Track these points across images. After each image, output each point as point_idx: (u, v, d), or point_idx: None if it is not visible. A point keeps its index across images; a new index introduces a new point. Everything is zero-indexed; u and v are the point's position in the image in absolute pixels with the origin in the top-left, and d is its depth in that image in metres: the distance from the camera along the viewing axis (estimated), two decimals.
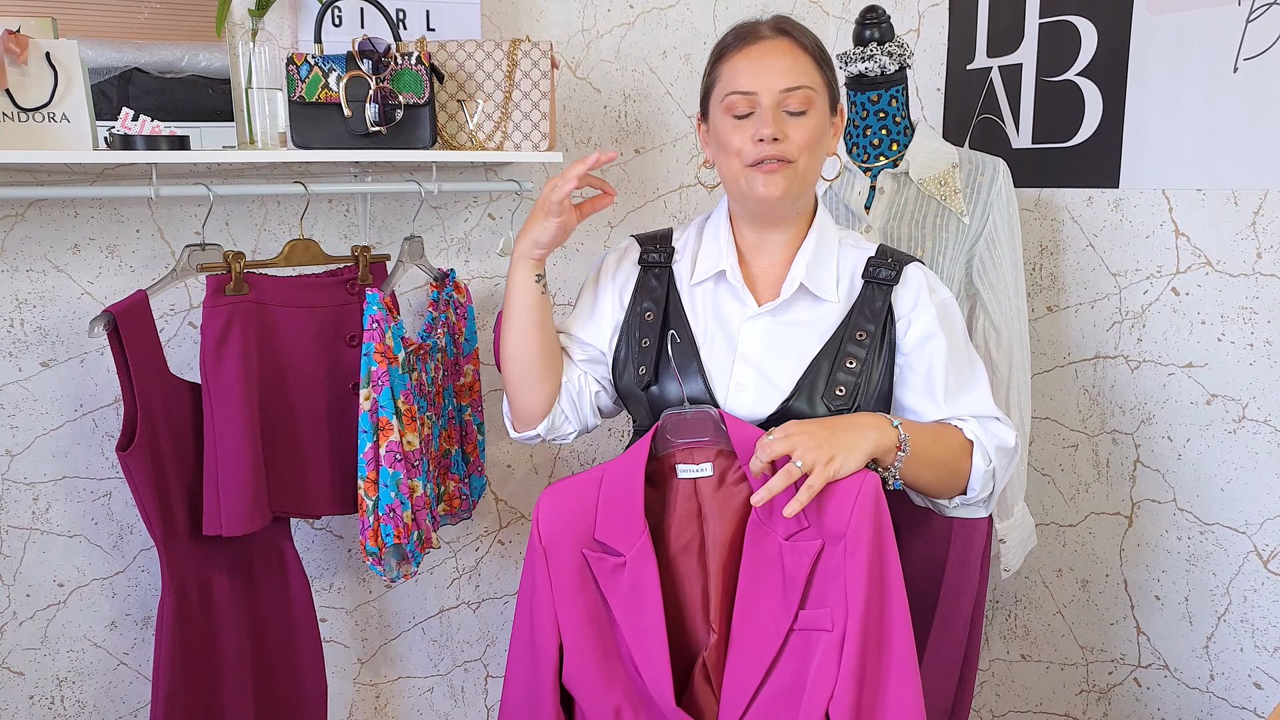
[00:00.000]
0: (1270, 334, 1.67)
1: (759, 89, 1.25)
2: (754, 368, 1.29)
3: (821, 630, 1.16)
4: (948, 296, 1.34)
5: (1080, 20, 1.87)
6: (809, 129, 1.26)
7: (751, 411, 1.28)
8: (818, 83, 1.27)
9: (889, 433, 1.20)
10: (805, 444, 1.14)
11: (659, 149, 2.06)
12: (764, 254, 1.35)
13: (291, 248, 1.62)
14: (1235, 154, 1.67)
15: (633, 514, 1.22)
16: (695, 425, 1.25)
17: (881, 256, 1.33)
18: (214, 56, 1.62)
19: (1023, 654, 2.16)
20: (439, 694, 2.05)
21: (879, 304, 1.30)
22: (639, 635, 1.20)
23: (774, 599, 1.19)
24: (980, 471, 1.28)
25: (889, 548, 1.16)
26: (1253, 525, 1.73)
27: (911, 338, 1.30)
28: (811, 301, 1.31)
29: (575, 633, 1.22)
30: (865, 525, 1.14)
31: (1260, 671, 1.74)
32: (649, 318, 1.35)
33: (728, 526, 1.25)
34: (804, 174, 1.28)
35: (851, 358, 1.27)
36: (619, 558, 1.21)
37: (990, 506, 1.34)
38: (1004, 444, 1.30)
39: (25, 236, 1.57)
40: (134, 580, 1.72)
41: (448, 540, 1.99)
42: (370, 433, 1.57)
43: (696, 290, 1.36)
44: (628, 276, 1.39)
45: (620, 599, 1.21)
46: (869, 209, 1.74)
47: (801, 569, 1.17)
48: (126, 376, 1.48)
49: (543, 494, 1.26)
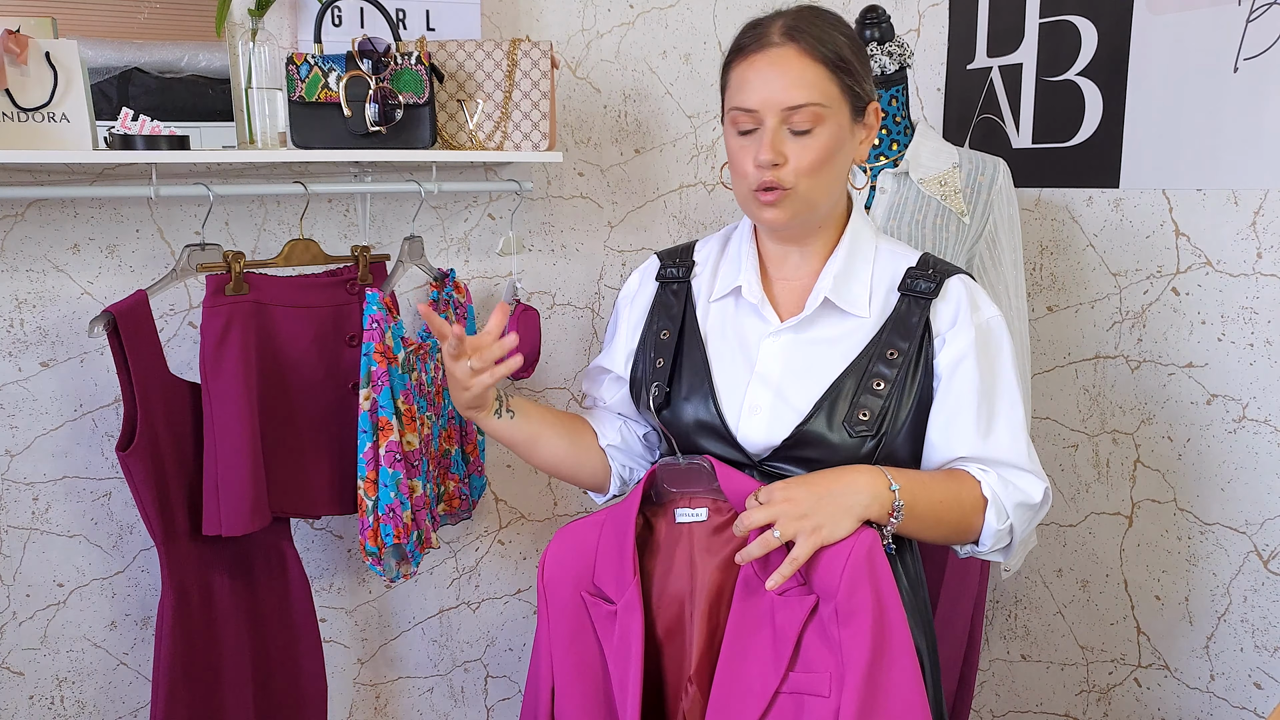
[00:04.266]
0: (1270, 334, 1.67)
1: (760, 106, 1.14)
2: (771, 388, 1.19)
3: (817, 695, 1.07)
4: (993, 316, 1.20)
5: (1080, 20, 1.87)
6: (815, 150, 1.14)
7: (766, 437, 1.19)
8: (830, 95, 1.14)
9: (883, 496, 1.09)
10: (788, 513, 1.06)
11: (659, 149, 2.06)
12: (789, 266, 1.25)
13: (291, 248, 1.62)
14: (1235, 154, 1.66)
15: (624, 563, 1.16)
16: (689, 476, 1.18)
17: (923, 267, 1.20)
18: (214, 56, 1.62)
19: (1023, 654, 2.16)
20: (439, 694, 2.05)
21: (915, 319, 1.17)
22: (620, 685, 1.15)
23: (763, 657, 1.11)
24: (992, 530, 1.17)
25: (891, 609, 1.06)
26: (1253, 525, 1.73)
27: (945, 359, 1.18)
28: (839, 317, 1.20)
29: (564, 676, 1.20)
30: (860, 584, 1.04)
31: (1260, 671, 1.74)
32: (664, 337, 1.27)
33: (720, 575, 1.17)
34: (809, 197, 1.17)
35: (880, 379, 1.16)
36: (611, 605, 1.17)
37: (1009, 555, 1.23)
38: (1027, 500, 1.17)
39: (25, 236, 1.57)
40: (134, 580, 1.72)
41: (448, 540, 1.99)
42: (370, 433, 1.57)
43: (714, 307, 1.27)
44: (646, 296, 1.33)
45: (612, 646, 1.17)
46: (869, 209, 1.74)
47: (793, 626, 1.08)
48: (126, 376, 1.48)
49: (555, 535, 1.24)
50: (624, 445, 1.36)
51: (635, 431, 1.38)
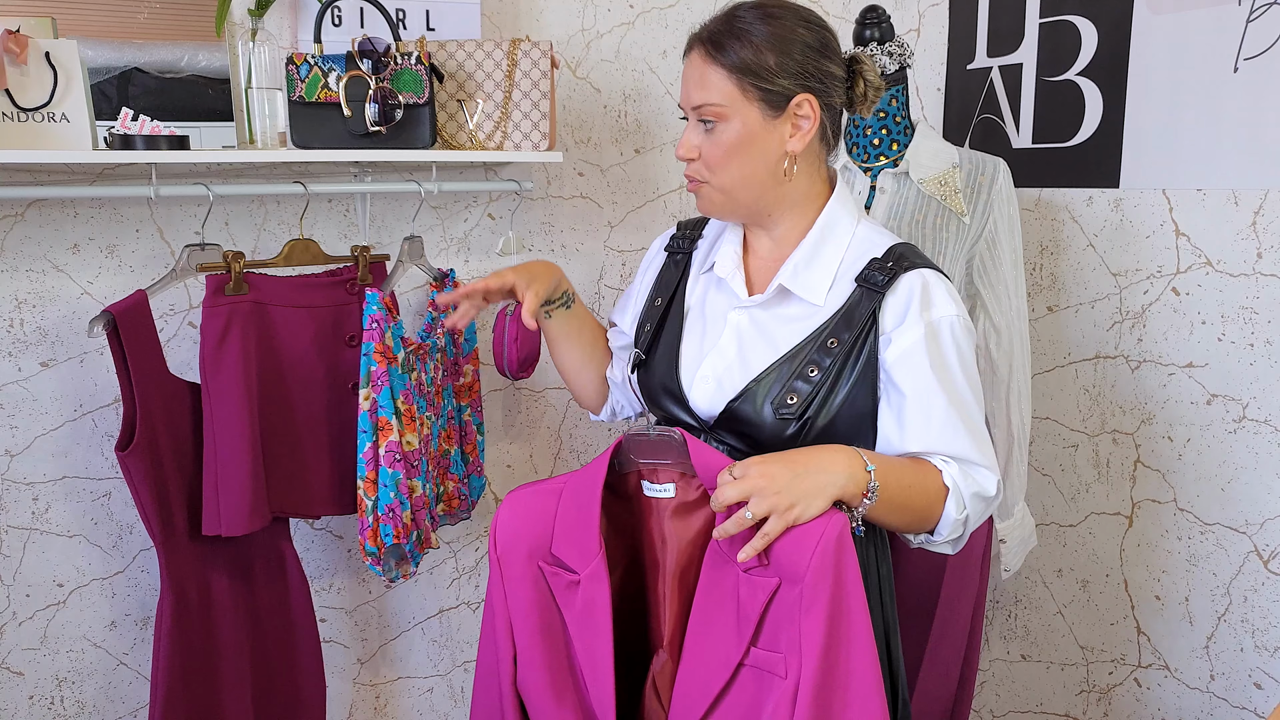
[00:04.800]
0: (1270, 334, 1.67)
1: (682, 105, 1.27)
2: (725, 361, 1.26)
3: (775, 674, 1.10)
4: (947, 316, 1.20)
5: (1080, 20, 1.87)
6: (720, 146, 1.22)
7: (708, 406, 1.26)
8: (730, 95, 1.20)
9: (859, 477, 1.11)
10: (765, 489, 1.07)
11: (659, 149, 2.06)
12: (762, 247, 1.32)
13: (291, 248, 1.62)
14: (1235, 154, 1.66)
15: (589, 533, 1.17)
16: (657, 447, 1.20)
17: (885, 258, 1.23)
18: (214, 56, 1.62)
19: (1023, 654, 2.16)
20: (439, 694, 2.05)
21: (864, 311, 1.21)
22: (589, 654, 1.17)
23: (727, 629, 1.13)
24: (950, 520, 1.20)
25: (853, 596, 1.07)
26: (1253, 525, 1.73)
27: (891, 355, 1.20)
28: (797, 301, 1.25)
29: (527, 645, 1.20)
30: (825, 573, 1.05)
31: (1260, 671, 1.74)
32: (657, 304, 1.38)
33: (687, 549, 1.21)
34: (723, 187, 1.24)
35: (815, 365, 1.20)
36: (574, 575, 1.18)
37: (957, 548, 1.26)
38: (983, 491, 1.20)
39: (25, 236, 1.57)
40: (134, 580, 1.72)
41: (447, 540, 1.99)
42: (370, 433, 1.57)
43: (702, 278, 1.36)
44: (657, 265, 1.43)
45: (574, 615, 1.18)
46: (869, 209, 1.74)
47: (756, 605, 1.10)
48: (126, 376, 1.48)
49: (504, 500, 1.23)
50: (623, 383, 1.46)
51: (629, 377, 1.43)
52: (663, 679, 1.21)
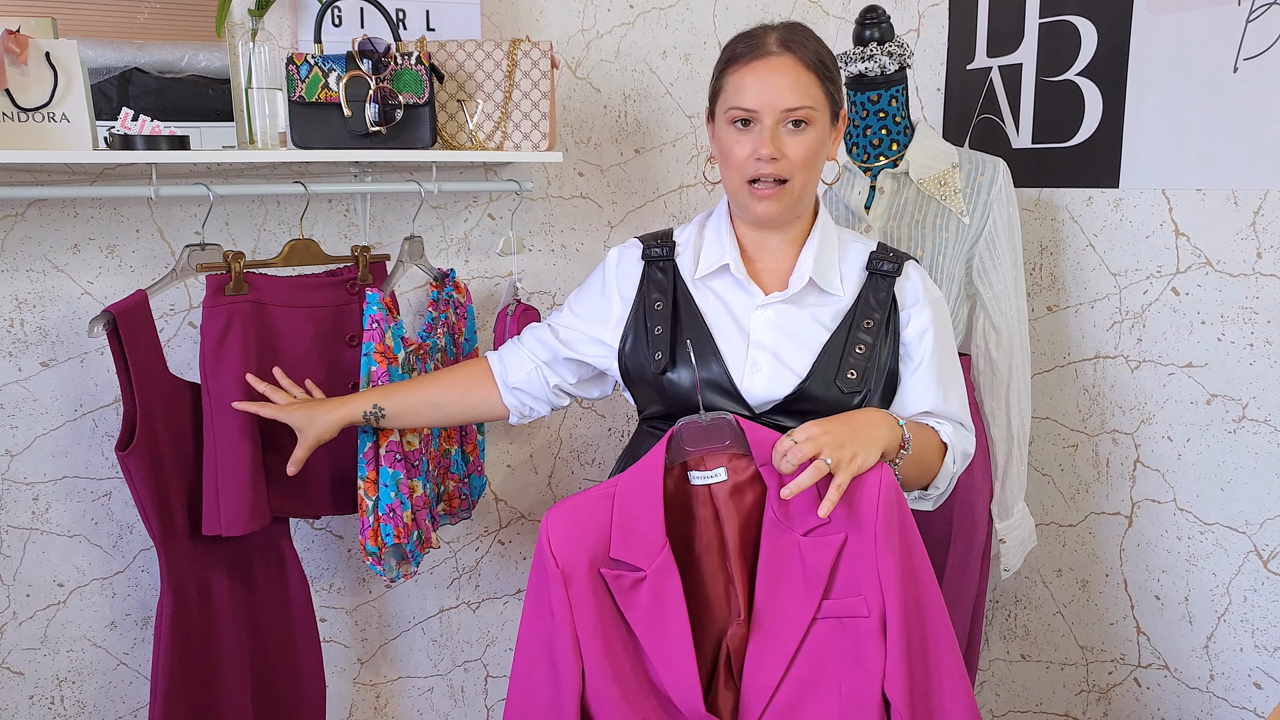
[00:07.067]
0: (1270, 334, 1.67)
1: (761, 108, 1.30)
2: (768, 352, 1.36)
3: (857, 617, 1.20)
4: (940, 296, 1.44)
5: (1080, 20, 1.87)
6: (807, 145, 1.31)
7: (768, 392, 1.35)
8: (819, 99, 1.32)
9: (896, 430, 1.28)
10: (829, 444, 1.19)
11: (659, 149, 2.06)
12: (767, 251, 1.41)
13: (291, 248, 1.62)
14: (1235, 154, 1.66)
15: (654, 529, 1.23)
16: (713, 432, 1.28)
17: (883, 251, 1.41)
18: (214, 56, 1.62)
19: (1023, 654, 2.16)
20: (439, 694, 2.05)
21: (883, 294, 1.38)
22: (663, 647, 1.22)
23: (795, 591, 1.23)
24: (947, 474, 1.40)
25: (913, 532, 1.23)
26: (1253, 525, 1.73)
27: (912, 330, 1.39)
28: (818, 294, 1.38)
29: (599, 655, 1.22)
30: (893, 513, 1.19)
31: (1260, 671, 1.75)
32: (659, 307, 1.41)
33: (743, 527, 1.28)
34: (800, 191, 1.34)
35: (861, 344, 1.36)
36: (639, 573, 1.22)
37: (937, 504, 1.47)
38: (967, 450, 1.42)
39: (25, 236, 1.57)
40: (134, 580, 1.72)
41: (448, 540, 1.99)
42: (370, 432, 1.57)
43: (701, 284, 1.41)
44: (631, 271, 1.46)
45: (639, 613, 1.23)
46: (869, 209, 1.74)
47: (824, 562, 1.22)
48: (126, 376, 1.47)
49: (549, 516, 1.25)
50: (528, 387, 1.53)
51: (546, 379, 1.52)
52: (735, 645, 1.26)
